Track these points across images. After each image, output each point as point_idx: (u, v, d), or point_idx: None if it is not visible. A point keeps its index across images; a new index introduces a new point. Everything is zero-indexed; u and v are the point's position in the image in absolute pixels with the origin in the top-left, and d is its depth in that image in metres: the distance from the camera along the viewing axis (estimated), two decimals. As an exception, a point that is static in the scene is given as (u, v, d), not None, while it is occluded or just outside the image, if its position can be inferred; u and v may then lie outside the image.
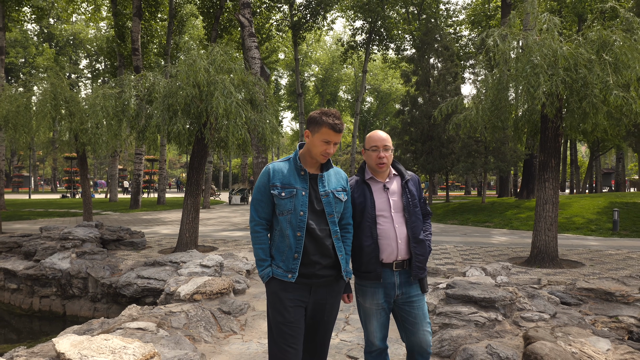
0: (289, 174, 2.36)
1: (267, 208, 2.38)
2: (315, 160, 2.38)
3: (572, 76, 6.53)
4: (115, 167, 26.38)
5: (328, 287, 2.37)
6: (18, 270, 7.71)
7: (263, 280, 2.37)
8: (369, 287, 2.56)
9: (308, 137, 2.35)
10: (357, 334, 4.19)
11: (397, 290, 2.55)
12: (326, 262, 2.33)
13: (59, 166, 54.09)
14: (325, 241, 2.32)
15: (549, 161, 7.52)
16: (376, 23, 30.47)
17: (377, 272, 2.51)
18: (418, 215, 2.59)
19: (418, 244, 2.54)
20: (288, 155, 2.47)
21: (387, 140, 2.58)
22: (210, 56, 8.26)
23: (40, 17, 20.25)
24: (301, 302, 2.32)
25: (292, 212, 2.30)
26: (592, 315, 4.94)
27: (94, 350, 2.43)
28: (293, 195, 2.31)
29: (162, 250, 9.20)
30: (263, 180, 2.38)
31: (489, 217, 14.84)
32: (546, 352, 3.10)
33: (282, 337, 2.28)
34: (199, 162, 8.91)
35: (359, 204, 2.56)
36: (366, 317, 2.63)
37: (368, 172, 2.65)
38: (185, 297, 4.91)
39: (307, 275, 2.30)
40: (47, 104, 9.26)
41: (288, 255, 2.30)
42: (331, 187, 2.39)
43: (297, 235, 2.29)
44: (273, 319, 2.33)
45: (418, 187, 2.69)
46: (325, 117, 2.30)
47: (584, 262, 7.67)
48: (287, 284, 2.30)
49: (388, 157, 2.57)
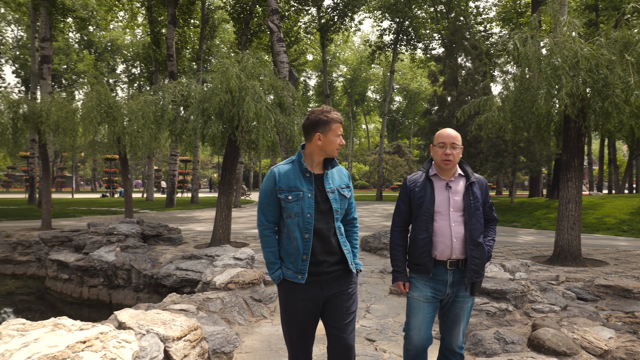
0: (295, 177, 2.39)
1: (274, 212, 2.42)
2: (323, 159, 2.44)
3: (594, 77, 6.66)
4: (151, 168, 27.46)
5: (339, 280, 2.43)
6: (70, 261, 8.40)
7: (275, 282, 2.44)
8: (419, 280, 2.60)
9: (320, 140, 2.38)
10: (376, 321, 4.54)
11: (448, 289, 2.56)
12: (333, 260, 2.39)
13: (99, 167, 56.38)
14: (331, 240, 2.38)
15: (572, 161, 7.64)
16: (403, 23, 30.54)
17: (427, 267, 2.54)
18: (479, 218, 2.57)
19: (475, 246, 2.52)
20: (291, 157, 2.50)
21: (455, 138, 2.58)
22: (242, 63, 8.76)
23: (83, 27, 21.32)
24: (313, 300, 2.38)
25: (299, 215, 2.35)
26: (607, 311, 5.12)
27: (148, 321, 2.89)
28: (300, 198, 2.35)
29: (197, 245, 9.76)
30: (269, 184, 2.42)
31: (517, 217, 14.83)
32: (548, 337, 3.38)
33: (293, 336, 2.41)
34: (231, 163, 9.42)
35: (419, 197, 2.60)
36: (411, 310, 2.64)
37: (433, 168, 2.66)
38: (221, 286, 5.37)
39: (316, 273, 2.36)
40: (93, 110, 9.98)
41: (296, 257, 2.36)
42: (336, 185, 2.44)
43: (305, 237, 2.34)
44: (284, 318, 2.43)
45: (484, 191, 2.66)
46: (330, 114, 2.39)
47: (609, 262, 7.74)
48: (298, 285, 2.36)
49: (455, 155, 2.56)
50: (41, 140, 12.21)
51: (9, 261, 10.87)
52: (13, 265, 10.85)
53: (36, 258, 10.67)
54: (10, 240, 11.15)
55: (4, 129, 11.68)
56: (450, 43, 21.15)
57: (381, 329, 4.29)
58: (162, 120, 8.56)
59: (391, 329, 4.29)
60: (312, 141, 2.39)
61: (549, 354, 3.30)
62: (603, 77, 6.46)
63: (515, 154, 18.04)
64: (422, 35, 32.16)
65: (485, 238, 2.62)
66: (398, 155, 44.73)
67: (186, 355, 2.85)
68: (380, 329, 4.29)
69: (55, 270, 8.92)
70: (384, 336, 4.09)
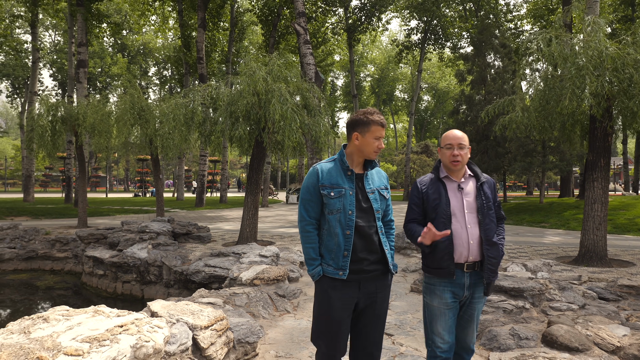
0: (336, 174, 2.43)
1: (316, 208, 2.45)
2: (363, 159, 2.49)
3: (619, 76, 6.59)
4: (181, 168, 28.19)
5: (376, 281, 2.44)
6: (105, 258, 8.84)
7: (314, 278, 2.46)
8: (438, 286, 2.58)
9: (357, 140, 2.42)
10: (395, 317, 4.68)
11: (466, 291, 2.57)
12: (374, 258, 2.41)
13: (131, 167, 58.15)
14: (372, 238, 2.40)
15: (598, 161, 7.56)
16: (431, 22, 30.33)
17: (450, 270, 2.52)
18: (492, 217, 2.59)
19: (491, 246, 2.54)
20: (332, 156, 2.54)
21: (462, 138, 2.60)
22: (268, 66, 9.01)
23: (117, 32, 22.11)
24: (350, 299, 2.39)
25: (341, 211, 2.37)
26: (629, 311, 5.10)
27: (178, 311, 3.13)
28: (342, 195, 2.38)
29: (225, 243, 10.08)
30: (312, 180, 2.46)
31: (546, 217, 14.60)
32: (561, 333, 3.45)
33: (326, 334, 2.40)
34: (258, 163, 9.69)
35: (433, 200, 2.59)
36: (432, 317, 2.63)
37: (443, 170, 2.67)
38: (247, 281, 5.61)
39: (356, 271, 2.38)
40: (127, 113, 10.44)
41: (337, 254, 2.38)
42: (376, 185, 2.50)
43: (347, 233, 2.37)
44: (319, 315, 2.43)
45: (493, 191, 2.69)
46: (371, 116, 2.42)
47: (636, 263, 7.62)
48: (337, 282, 2.38)
49: (463, 156, 2.58)
50: (78, 141, 12.81)
51: (48, 257, 11.46)
52: (51, 262, 11.44)
53: (73, 255, 11.23)
54: (49, 237, 11.76)
55: (43, 131, 12.31)
56: (478, 41, 20.95)
57: (400, 324, 4.43)
58: (192, 122, 8.90)
59: (409, 324, 4.42)
60: (351, 140, 2.45)
61: (562, 349, 3.37)
62: (629, 77, 6.40)
63: (545, 154, 17.73)
64: (450, 34, 31.86)
65: (497, 236, 2.62)
66: (426, 155, 44.32)
67: (213, 343, 3.07)
68: (399, 324, 4.43)
69: (91, 266, 9.39)
70: (402, 331, 4.23)
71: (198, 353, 2.96)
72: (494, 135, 10.85)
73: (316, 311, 2.46)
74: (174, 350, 2.71)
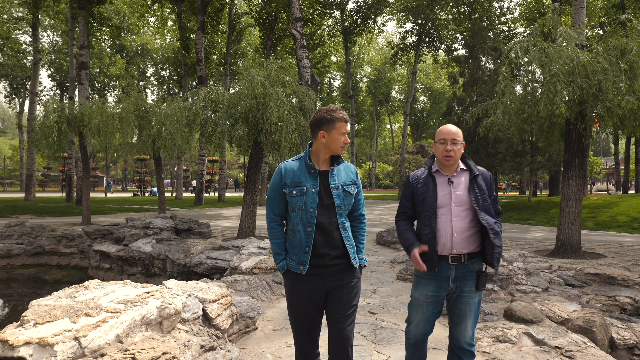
0: (300, 172, 2.49)
1: (280, 205, 2.54)
2: (329, 156, 2.54)
3: (590, 83, 7.16)
4: (180, 168, 28.68)
5: (341, 274, 2.50)
6: (111, 252, 9.36)
7: (280, 272, 2.57)
8: (422, 278, 2.64)
9: (324, 137, 2.47)
10: (380, 300, 5.23)
11: (451, 284, 2.58)
12: (335, 253, 2.47)
13: (129, 167, 58.59)
14: (333, 234, 2.46)
15: (573, 160, 8.14)
16: (426, 25, 30.92)
17: (432, 261, 2.55)
18: (489, 209, 2.58)
19: (496, 235, 2.54)
20: (299, 154, 2.61)
21: (456, 134, 2.60)
22: (266, 70, 9.55)
23: (118, 35, 22.57)
24: (316, 291, 2.48)
25: (302, 209, 2.44)
26: (591, 295, 5.67)
27: (190, 288, 3.67)
28: (303, 193, 2.44)
29: (225, 238, 10.60)
30: (276, 179, 2.54)
31: (532, 215, 15.20)
32: (519, 308, 4.01)
33: (298, 326, 2.53)
34: (256, 162, 10.23)
35: (421, 194, 2.62)
36: (412, 307, 2.72)
37: (436, 164, 2.69)
38: (246, 270, 6.14)
39: (318, 265, 2.45)
40: (131, 114, 10.97)
41: (299, 249, 2.45)
42: (341, 181, 2.53)
43: (308, 230, 2.43)
44: (290, 307, 2.55)
45: (489, 184, 2.67)
46: (334, 113, 2.47)
47: (608, 255, 8.20)
48: (301, 276, 2.46)
49: (456, 151, 2.58)
50: (83, 142, 13.31)
51: (55, 253, 11.96)
52: (58, 257, 11.94)
53: (79, 250, 11.73)
54: (55, 234, 12.25)
55: (49, 131, 12.81)
56: (471, 44, 21.53)
57: (383, 305, 4.98)
58: (194, 124, 9.43)
59: (392, 305, 4.97)
60: (317, 139, 2.49)
61: (519, 321, 3.93)
62: (597, 83, 6.96)
63: (533, 154, 18.35)
64: (445, 37, 32.47)
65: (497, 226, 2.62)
66: (421, 155, 44.94)
67: (219, 314, 3.61)
68: (382, 305, 4.98)
69: (97, 260, 9.90)
70: (385, 310, 4.78)
71: (207, 322, 3.50)
72: (478, 137, 11.31)
73: (288, 304, 2.59)
74: (188, 317, 3.25)
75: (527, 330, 3.74)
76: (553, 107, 7.01)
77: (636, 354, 3.97)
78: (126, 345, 2.43)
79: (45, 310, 2.53)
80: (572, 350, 3.40)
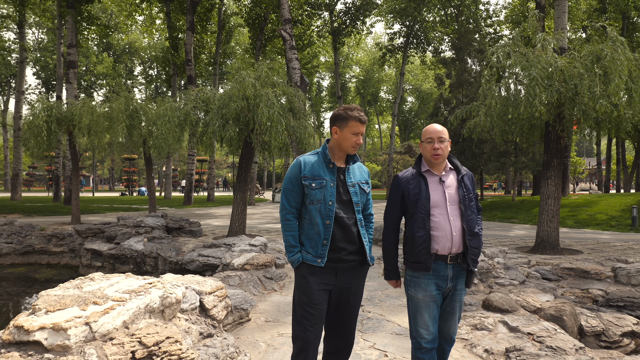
0: (318, 167, 2.52)
1: (297, 198, 2.55)
2: (344, 153, 2.58)
3: (567, 87, 7.51)
4: (169, 168, 28.69)
5: (353, 271, 2.55)
6: (103, 250, 9.49)
7: (293, 265, 2.55)
8: (422, 279, 2.60)
9: (337, 134, 2.52)
10: (367, 293, 5.48)
11: (449, 283, 2.60)
12: (352, 248, 2.51)
13: (116, 167, 58.18)
14: (351, 229, 2.50)
15: (552, 160, 8.48)
16: (413, 26, 31.33)
17: (427, 264, 2.55)
18: (473, 209, 2.63)
19: (473, 236, 2.59)
20: (316, 149, 2.63)
21: (442, 132, 2.62)
22: (257, 72, 9.76)
23: (106, 35, 22.53)
24: (327, 285, 2.50)
25: (321, 202, 2.47)
26: (566, 288, 5.99)
27: (187, 281, 3.88)
28: (323, 186, 2.48)
29: (216, 237, 10.78)
30: (294, 171, 2.55)
31: (516, 213, 15.62)
32: (496, 299, 4.29)
33: (305, 318, 2.48)
34: (246, 162, 10.42)
35: (414, 195, 2.61)
36: (417, 309, 2.65)
37: (424, 164, 2.70)
38: (238, 266, 6.35)
39: (334, 260, 2.48)
40: (122, 114, 11.09)
41: (317, 242, 2.47)
42: (357, 179, 2.60)
43: (326, 223, 2.46)
44: (299, 300, 2.53)
45: (472, 183, 2.72)
46: (350, 111, 2.51)
47: (584, 251, 8.57)
48: (316, 268, 2.48)
49: (443, 149, 2.61)
50: (73, 141, 13.36)
51: (44, 252, 12.02)
52: (48, 256, 12.00)
53: (69, 249, 11.80)
54: (45, 233, 12.31)
55: (39, 130, 12.84)
56: (457, 46, 21.95)
57: (370, 298, 5.24)
58: (185, 124, 9.60)
59: (378, 298, 5.23)
60: (332, 135, 2.55)
61: (495, 311, 4.21)
62: (573, 87, 7.31)
63: (517, 154, 18.81)
64: (432, 39, 32.92)
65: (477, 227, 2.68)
66: (409, 155, 45.39)
67: (215, 305, 3.83)
68: (369, 298, 5.24)
69: (89, 258, 10.01)
70: (371, 302, 5.04)
71: (204, 313, 3.71)
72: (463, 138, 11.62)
73: (296, 297, 2.56)
74: (187, 308, 3.46)
75: (503, 319, 4.02)
76: (532, 110, 7.33)
77: (603, 340, 4.27)
78: (132, 331, 2.64)
79: (55, 299, 2.72)
80: (542, 336, 3.68)
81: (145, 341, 2.54)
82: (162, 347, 2.56)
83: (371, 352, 3.62)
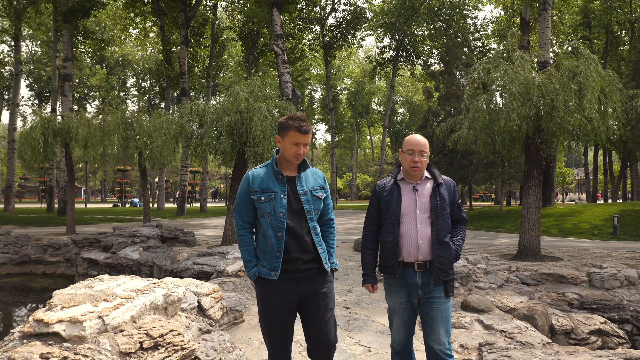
0: (267, 179, 2.49)
1: (249, 212, 2.53)
2: (290, 162, 2.53)
3: (544, 101, 7.94)
4: (162, 179, 28.88)
5: (314, 279, 2.51)
6: (99, 259, 9.72)
7: (251, 279, 2.53)
8: (393, 285, 2.67)
9: (280, 142, 2.48)
10: (354, 297, 5.80)
11: (419, 290, 2.60)
12: (307, 257, 2.47)
13: (108, 178, 58.13)
14: (305, 238, 2.46)
15: (532, 171, 8.90)
16: (403, 40, 32.03)
17: (393, 269, 2.60)
18: (445, 218, 2.61)
19: (442, 246, 2.57)
20: (266, 161, 2.60)
21: (424, 145, 2.63)
22: (250, 86, 10.13)
23: (101, 48, 22.87)
24: (289, 297, 2.46)
25: (272, 215, 2.43)
26: (543, 292, 6.34)
27: (185, 284, 4.18)
28: (272, 199, 2.44)
29: (210, 246, 11.04)
30: (243, 186, 2.53)
31: (502, 223, 16.03)
32: (474, 300, 4.63)
33: (268, 332, 2.51)
34: (240, 173, 10.74)
35: (386, 202, 2.65)
36: (390, 314, 2.76)
37: (401, 173, 2.73)
38: (232, 273, 6.64)
39: (291, 270, 2.45)
40: (119, 127, 11.39)
41: (271, 255, 2.44)
42: (309, 187, 2.54)
43: (278, 235, 2.43)
44: (262, 315, 2.52)
45: (452, 192, 2.70)
46: (291, 121, 2.44)
47: (564, 258, 8.94)
48: (272, 282, 2.45)
49: (422, 162, 2.62)
50: (69, 153, 13.61)
51: (40, 262, 12.20)
52: (44, 266, 12.18)
53: (65, 259, 11.99)
54: (41, 243, 12.49)
55: (36, 142, 13.09)
56: (446, 60, 22.55)
57: (357, 301, 5.55)
58: (180, 137, 9.91)
59: (365, 301, 5.55)
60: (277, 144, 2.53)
61: (473, 311, 4.54)
62: (550, 102, 7.74)
63: (503, 165, 19.31)
64: (421, 52, 33.64)
65: (453, 238, 2.68)
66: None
67: (212, 306, 4.13)
68: (356, 301, 5.55)
69: (85, 267, 10.23)
70: (358, 305, 5.35)
71: (202, 312, 4.01)
72: (448, 149, 12.03)
73: (259, 311, 2.55)
74: (186, 307, 3.76)
75: (479, 318, 4.36)
76: (511, 123, 7.74)
77: (572, 338, 4.62)
78: (139, 324, 2.94)
79: (68, 297, 3.02)
80: (514, 333, 4.01)
81: (151, 333, 2.84)
82: (166, 338, 2.86)
83: (356, 348, 3.94)
